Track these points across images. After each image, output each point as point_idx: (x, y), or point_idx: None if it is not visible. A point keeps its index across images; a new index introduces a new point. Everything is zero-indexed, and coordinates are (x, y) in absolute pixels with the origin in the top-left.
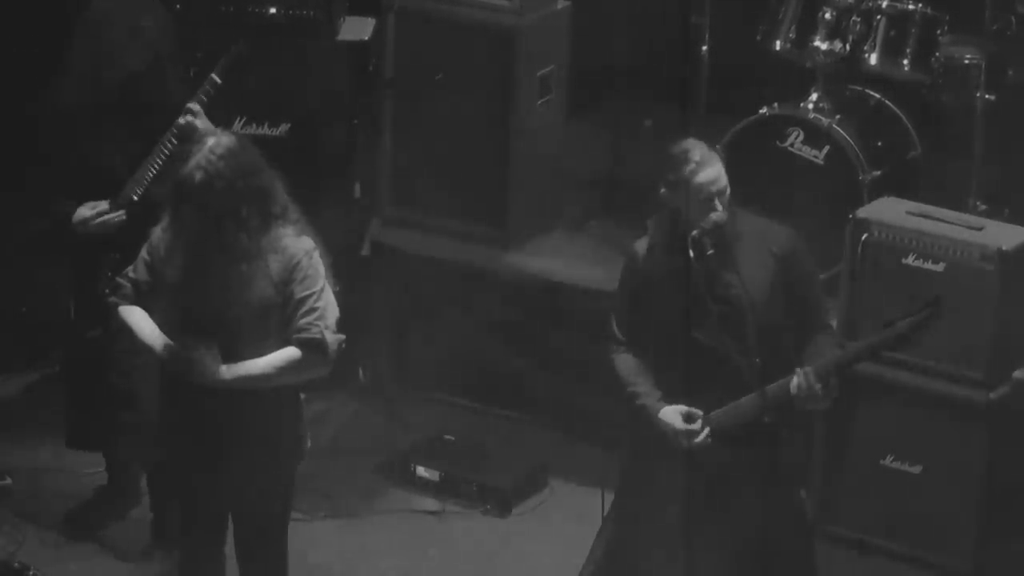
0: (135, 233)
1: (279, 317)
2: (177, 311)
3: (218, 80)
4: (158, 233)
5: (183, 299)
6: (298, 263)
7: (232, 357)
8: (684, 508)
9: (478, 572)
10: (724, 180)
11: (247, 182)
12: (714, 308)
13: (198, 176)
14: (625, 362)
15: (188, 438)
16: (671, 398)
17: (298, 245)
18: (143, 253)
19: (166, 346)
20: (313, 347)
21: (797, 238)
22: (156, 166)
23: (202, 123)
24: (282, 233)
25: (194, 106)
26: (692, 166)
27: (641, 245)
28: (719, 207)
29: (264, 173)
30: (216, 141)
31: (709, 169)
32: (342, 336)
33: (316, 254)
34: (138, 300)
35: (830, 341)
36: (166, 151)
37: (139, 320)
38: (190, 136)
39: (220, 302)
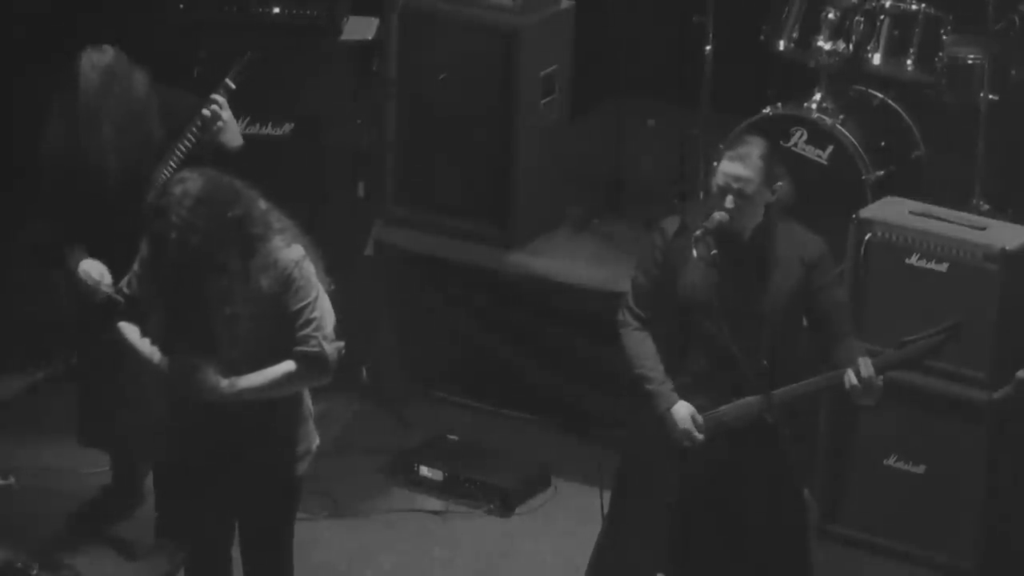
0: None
1: (275, 330)
2: (171, 331)
3: (232, 85)
4: (146, 248)
5: (174, 325)
6: (289, 275)
7: (230, 371)
8: (679, 503)
9: (481, 571)
10: (748, 186)
11: (222, 223)
12: (732, 304)
13: (172, 235)
14: (636, 340)
15: (193, 441)
16: (676, 382)
17: (288, 256)
18: (135, 266)
19: (165, 363)
20: (312, 360)
21: (825, 246)
22: (175, 163)
23: (227, 114)
24: (271, 248)
25: (219, 98)
26: (731, 153)
27: (671, 223)
28: (730, 204)
29: (238, 201)
30: (183, 191)
31: (739, 166)
32: (341, 343)
33: (306, 262)
34: (134, 313)
35: (860, 346)
36: (186, 146)
37: (137, 337)
38: (211, 127)
39: (210, 334)
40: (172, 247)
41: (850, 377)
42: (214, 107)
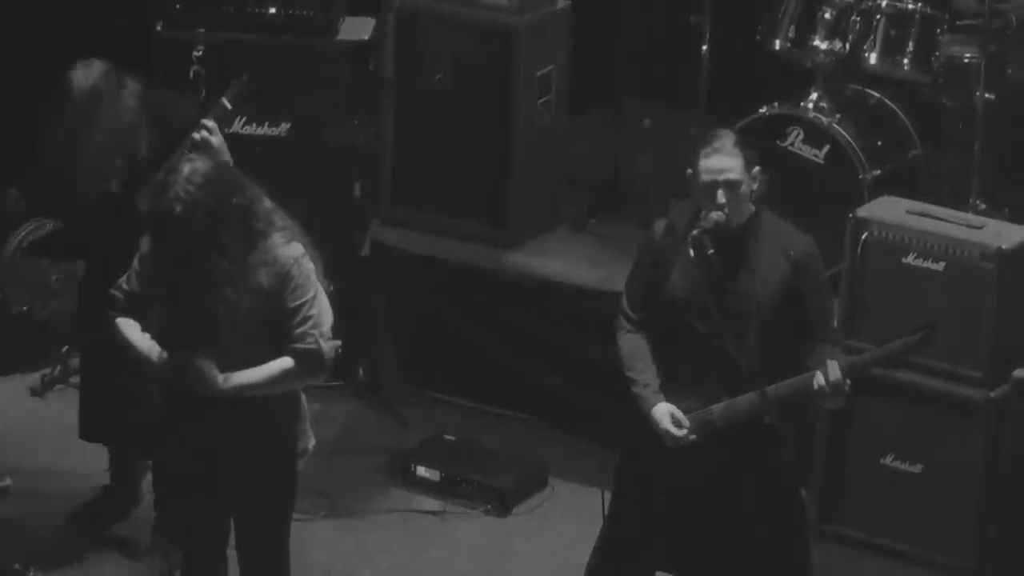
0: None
1: (273, 326)
2: (170, 324)
3: (229, 106)
4: (147, 244)
5: (173, 315)
6: (288, 272)
7: (228, 367)
8: (678, 503)
9: (478, 572)
10: (734, 174)
11: (227, 206)
12: (719, 302)
13: (177, 208)
14: (629, 342)
15: (188, 440)
16: (669, 384)
17: (287, 253)
18: (135, 263)
19: (163, 358)
20: (309, 357)
21: (814, 247)
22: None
23: (217, 140)
24: (270, 244)
25: (209, 123)
26: (707, 150)
27: (659, 225)
28: (722, 199)
29: (244, 191)
30: (192, 168)
31: (720, 157)
32: (337, 342)
33: (305, 260)
34: (134, 310)
35: (836, 351)
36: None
37: (135, 333)
38: (203, 152)
39: (210, 322)
40: (176, 222)
41: (818, 379)
42: (204, 133)
